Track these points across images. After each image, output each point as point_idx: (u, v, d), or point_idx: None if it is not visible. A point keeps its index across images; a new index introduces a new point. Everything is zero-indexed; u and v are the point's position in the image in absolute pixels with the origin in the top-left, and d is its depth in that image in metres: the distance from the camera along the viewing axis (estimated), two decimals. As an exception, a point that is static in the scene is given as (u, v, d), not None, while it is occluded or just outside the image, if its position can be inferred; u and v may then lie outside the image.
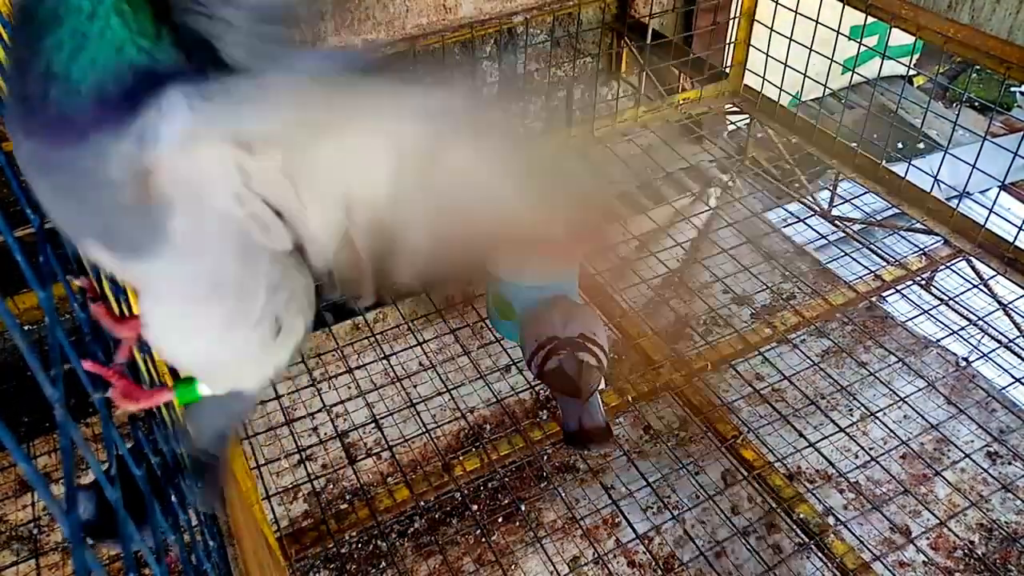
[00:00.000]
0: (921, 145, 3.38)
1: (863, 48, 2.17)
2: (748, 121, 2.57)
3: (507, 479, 1.89)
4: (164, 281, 0.59)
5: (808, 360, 1.94)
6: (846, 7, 2.08)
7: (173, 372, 0.64)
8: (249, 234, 0.55)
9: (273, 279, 0.60)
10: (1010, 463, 1.86)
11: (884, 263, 2.17)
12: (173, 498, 0.74)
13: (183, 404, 0.68)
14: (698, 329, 2.22)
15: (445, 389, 1.80)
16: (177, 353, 0.65)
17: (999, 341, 2.04)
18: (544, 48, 2.53)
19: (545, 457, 1.94)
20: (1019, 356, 1.97)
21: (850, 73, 3.09)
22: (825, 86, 2.35)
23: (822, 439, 1.69)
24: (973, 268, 2.09)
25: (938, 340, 2.11)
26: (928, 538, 1.74)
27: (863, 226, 2.52)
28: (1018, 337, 2.04)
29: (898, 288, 2.06)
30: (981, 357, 2.06)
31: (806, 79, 2.24)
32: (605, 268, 2.15)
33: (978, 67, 3.32)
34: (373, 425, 1.76)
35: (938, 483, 1.82)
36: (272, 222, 0.56)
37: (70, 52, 0.52)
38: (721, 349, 1.85)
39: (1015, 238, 1.89)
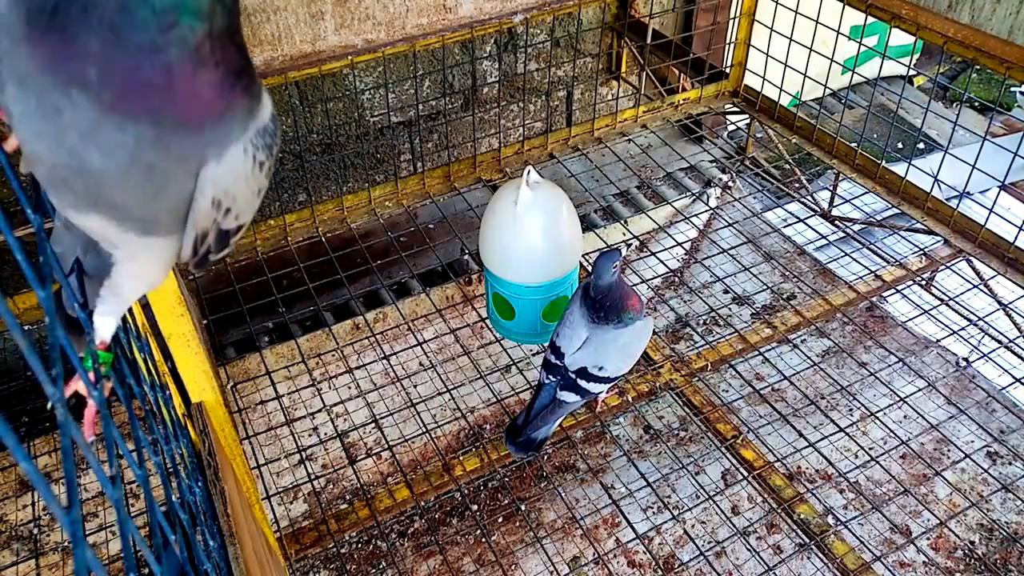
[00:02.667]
0: (921, 145, 3.38)
1: (863, 48, 2.17)
2: (748, 121, 2.57)
3: (507, 479, 1.89)
4: (153, 247, 0.61)
5: (808, 360, 1.95)
6: (846, 7, 2.08)
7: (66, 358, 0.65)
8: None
9: None
10: (1010, 463, 1.86)
11: (884, 263, 2.17)
12: (173, 497, 0.74)
13: (108, 372, 0.69)
14: (698, 329, 2.22)
15: (445, 389, 1.80)
16: (135, 291, 0.69)
17: (999, 341, 2.04)
18: (544, 48, 2.53)
19: (545, 457, 1.94)
20: (1019, 356, 1.97)
21: (850, 73, 3.09)
22: (825, 86, 2.35)
23: (822, 439, 1.69)
24: (973, 268, 2.09)
25: (938, 340, 2.10)
26: (928, 538, 1.74)
27: (863, 226, 2.52)
28: (1018, 337, 2.04)
29: (898, 288, 2.06)
30: (981, 357, 2.06)
31: (806, 79, 2.24)
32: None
33: (978, 67, 3.32)
34: (373, 425, 1.76)
35: (938, 483, 1.82)
36: None
37: None
38: (721, 349, 1.85)
39: (1015, 238, 1.89)
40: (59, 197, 0.56)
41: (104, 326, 0.68)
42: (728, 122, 2.98)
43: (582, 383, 1.51)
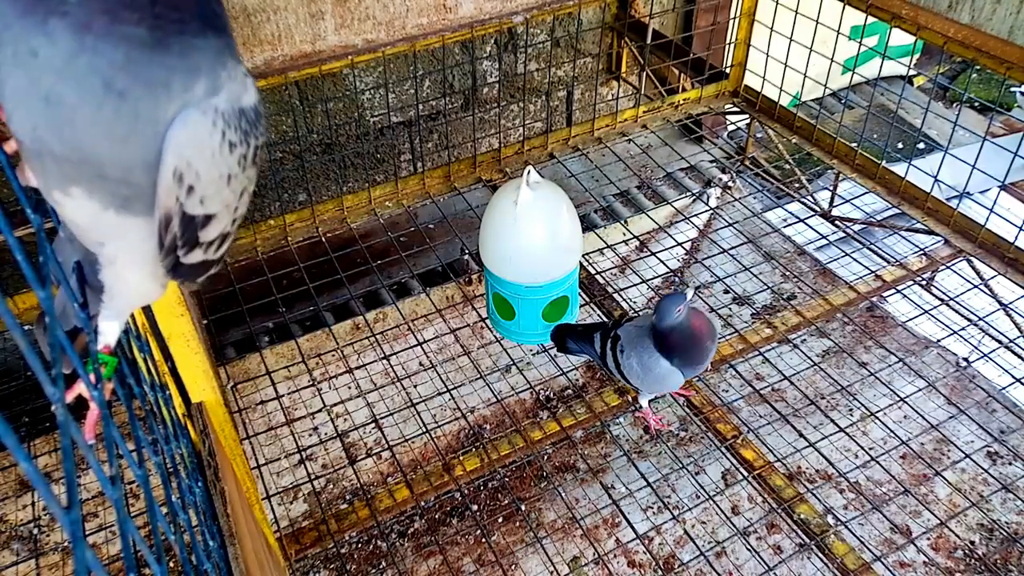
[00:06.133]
0: (921, 145, 3.38)
1: (863, 48, 2.17)
2: (748, 121, 2.57)
3: (507, 479, 1.89)
4: (133, 238, 0.60)
5: (808, 360, 1.94)
6: (846, 7, 2.08)
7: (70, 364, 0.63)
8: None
9: None
10: (1010, 463, 1.86)
11: (884, 263, 2.17)
12: (173, 497, 0.74)
13: (106, 376, 0.69)
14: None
15: (445, 389, 1.80)
16: (129, 300, 0.68)
17: (999, 341, 2.04)
18: (544, 48, 2.53)
19: (545, 457, 1.94)
20: (1019, 356, 1.97)
21: (850, 73, 3.09)
22: (825, 86, 2.35)
23: (822, 439, 1.69)
24: (973, 268, 2.09)
25: (938, 340, 2.10)
26: (928, 538, 1.74)
27: (863, 226, 2.52)
28: (1018, 337, 2.04)
29: (898, 288, 2.06)
30: (981, 357, 2.06)
31: (806, 79, 2.24)
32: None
33: (978, 67, 3.32)
34: (373, 425, 1.76)
35: (938, 483, 1.82)
36: None
37: None
38: (721, 349, 1.85)
39: (1015, 238, 1.89)
40: (43, 172, 0.56)
41: (108, 330, 0.68)
42: (728, 122, 2.98)
43: (608, 346, 1.60)
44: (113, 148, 0.54)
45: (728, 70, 2.52)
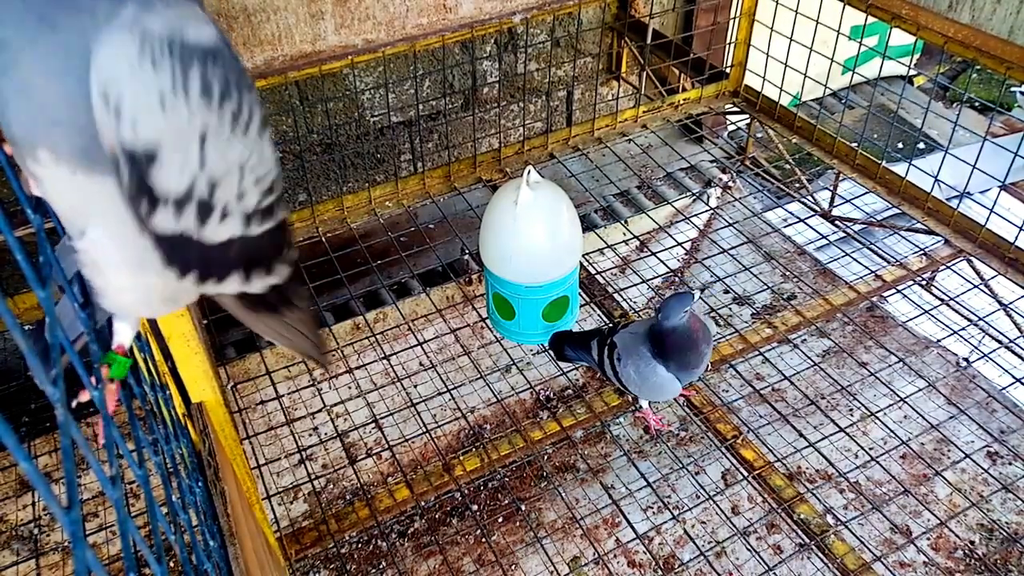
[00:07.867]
0: (921, 145, 3.38)
1: (863, 48, 2.17)
2: (748, 121, 2.57)
3: (507, 479, 1.89)
4: (111, 204, 0.58)
5: (808, 360, 1.94)
6: (846, 7, 2.08)
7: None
8: None
9: None
10: (1010, 463, 1.86)
11: (885, 263, 2.17)
12: (173, 497, 0.74)
13: (117, 377, 0.68)
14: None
15: (445, 389, 1.80)
16: (111, 282, 0.65)
17: (999, 341, 2.04)
18: (544, 48, 2.53)
19: (545, 457, 1.94)
20: (1019, 356, 1.97)
21: (850, 73, 3.09)
22: (825, 86, 2.35)
23: (822, 439, 1.69)
24: (974, 268, 2.09)
25: (938, 340, 2.10)
26: (929, 538, 1.74)
27: (863, 226, 2.52)
28: (1018, 337, 2.04)
29: (899, 288, 2.06)
30: (981, 357, 2.06)
31: (806, 79, 2.24)
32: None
33: (978, 67, 3.32)
34: (373, 425, 1.76)
35: (938, 483, 1.82)
36: None
37: None
38: (721, 349, 1.85)
39: (1015, 238, 1.89)
40: (12, 137, 0.56)
41: (121, 331, 0.68)
42: (728, 122, 2.97)
43: (605, 354, 1.60)
44: (53, 85, 0.53)
45: (728, 70, 2.52)
